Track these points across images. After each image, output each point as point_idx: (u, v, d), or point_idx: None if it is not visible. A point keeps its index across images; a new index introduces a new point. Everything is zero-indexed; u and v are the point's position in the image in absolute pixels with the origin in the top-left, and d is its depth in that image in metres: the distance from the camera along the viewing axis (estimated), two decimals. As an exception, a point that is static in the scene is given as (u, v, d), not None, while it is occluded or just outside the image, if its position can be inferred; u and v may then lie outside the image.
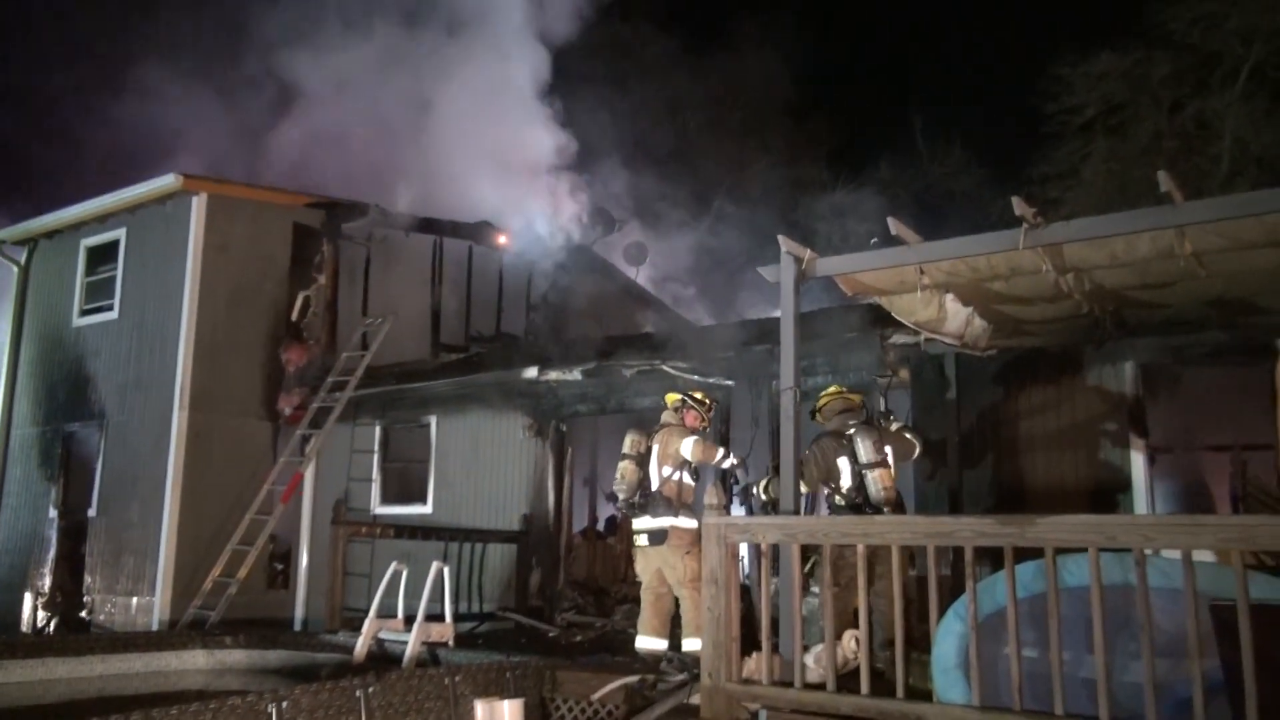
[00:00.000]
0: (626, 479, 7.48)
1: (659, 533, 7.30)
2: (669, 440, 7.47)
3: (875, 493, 6.74)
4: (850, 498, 6.84)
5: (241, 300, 13.04)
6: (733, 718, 5.55)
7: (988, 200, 19.73)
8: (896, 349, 8.58)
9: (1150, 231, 5.28)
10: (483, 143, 14.16)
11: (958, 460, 8.29)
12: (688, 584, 7.13)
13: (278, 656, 9.05)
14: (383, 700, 5.96)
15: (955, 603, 5.25)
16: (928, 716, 4.94)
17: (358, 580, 10.68)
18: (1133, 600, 4.42)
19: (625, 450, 7.56)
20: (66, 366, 13.95)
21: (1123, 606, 4.54)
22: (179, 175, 12.71)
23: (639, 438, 7.58)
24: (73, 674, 8.15)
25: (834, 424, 7.13)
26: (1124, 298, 6.53)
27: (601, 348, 10.78)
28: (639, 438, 7.58)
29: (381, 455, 12.68)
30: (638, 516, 7.49)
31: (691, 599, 7.08)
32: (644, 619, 7.51)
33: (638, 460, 7.50)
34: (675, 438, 7.46)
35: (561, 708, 7.08)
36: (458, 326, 14.82)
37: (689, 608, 7.14)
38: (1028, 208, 5.40)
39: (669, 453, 7.42)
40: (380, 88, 14.90)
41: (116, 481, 12.93)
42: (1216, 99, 18.08)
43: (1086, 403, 7.94)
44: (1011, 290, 6.32)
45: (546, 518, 11.05)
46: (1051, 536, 4.69)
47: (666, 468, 7.40)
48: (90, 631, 12.01)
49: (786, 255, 6.14)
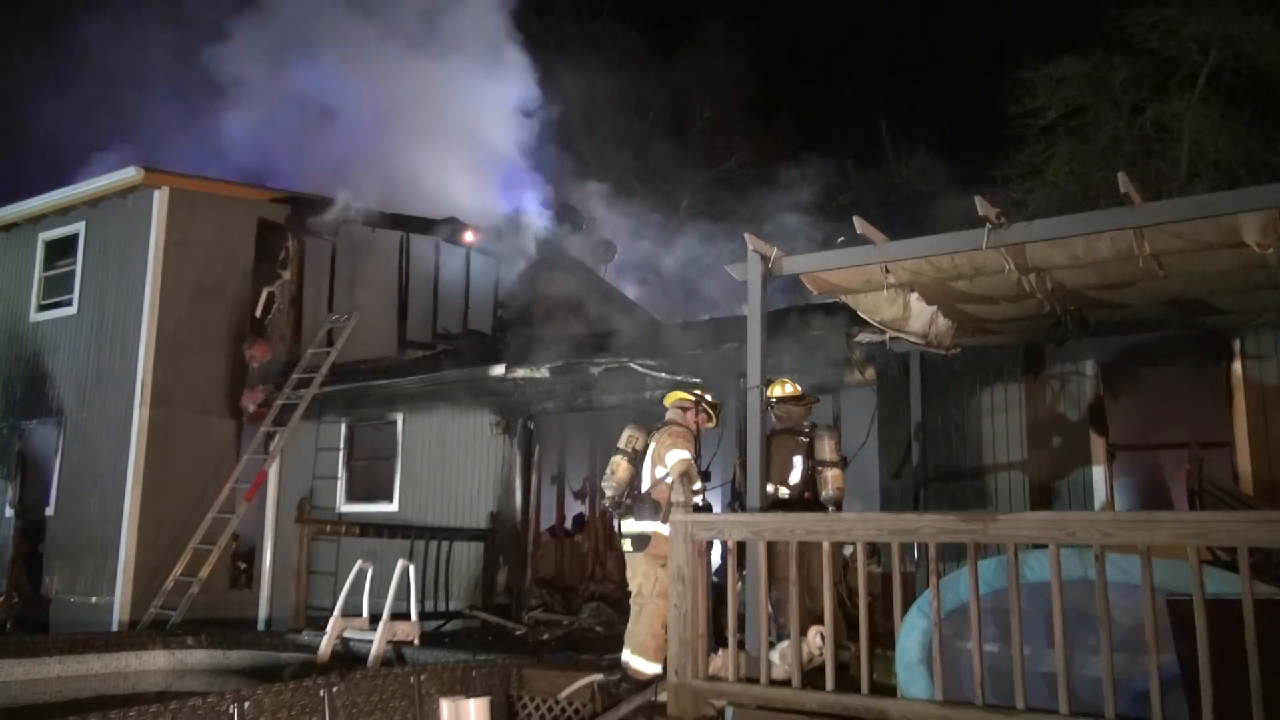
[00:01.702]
0: (617, 475, 6.89)
1: (641, 538, 6.73)
2: (664, 441, 6.84)
3: (829, 492, 6.79)
4: (797, 493, 6.87)
5: (204, 296, 12.86)
6: (699, 715, 5.56)
7: (952, 200, 19.94)
8: (862, 347, 8.64)
9: (1110, 232, 5.35)
10: (450, 139, 14.09)
11: (922, 457, 8.36)
12: (658, 596, 6.55)
13: (240, 656, 8.94)
14: (347, 700, 5.91)
15: (919, 599, 5.30)
16: (891, 712, 4.98)
17: (322, 579, 10.58)
18: (1092, 595, 4.48)
19: (620, 445, 6.98)
20: (24, 362, 13.69)
21: (1082, 601, 4.60)
22: (140, 168, 12.52)
23: (637, 433, 7.00)
24: (29, 675, 8.00)
25: (790, 421, 7.15)
26: (1085, 297, 6.61)
27: (569, 345, 10.76)
28: (637, 433, 7.00)
29: (347, 453, 12.57)
30: (625, 518, 6.91)
31: (654, 611, 6.55)
32: (632, 633, 6.80)
33: (631, 457, 6.93)
34: (671, 441, 6.81)
35: (528, 706, 7.06)
36: (425, 323, 14.74)
37: (645, 619, 6.62)
38: (991, 208, 5.45)
39: (662, 454, 6.79)
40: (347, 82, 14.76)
41: (76, 480, 12.71)
42: (1175, 102, 18.40)
43: (1048, 401, 8.04)
44: (975, 289, 6.38)
45: (514, 516, 11.01)
46: (1013, 533, 4.74)
47: (660, 469, 6.78)
48: (48, 632, 11.78)
49: (753, 254, 6.16)
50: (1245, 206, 5.02)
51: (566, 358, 10.57)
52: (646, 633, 6.58)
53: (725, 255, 6.96)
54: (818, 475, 6.87)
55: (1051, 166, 19.60)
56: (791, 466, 6.92)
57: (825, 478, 6.81)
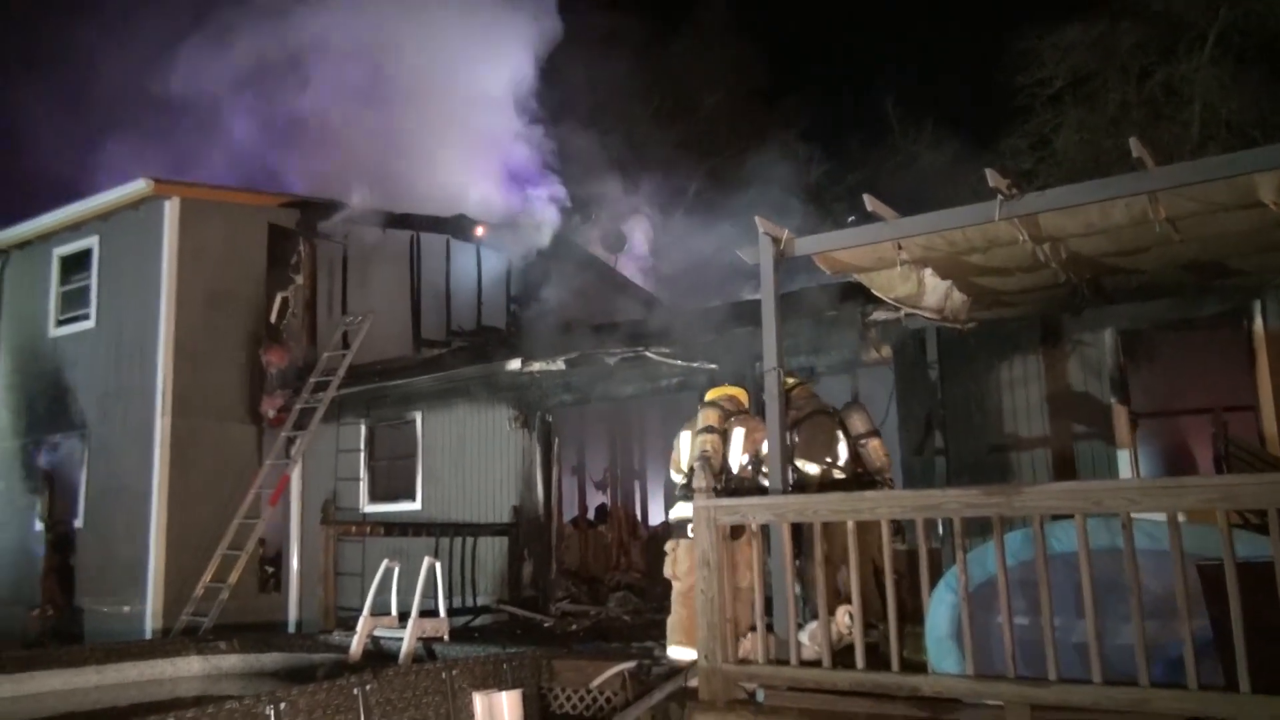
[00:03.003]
0: (715, 459, 6.56)
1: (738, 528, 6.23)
2: (757, 428, 6.71)
3: (875, 461, 6.90)
4: (849, 471, 6.90)
5: (219, 304, 12.94)
6: (731, 698, 5.58)
7: (962, 174, 19.82)
8: (878, 326, 8.61)
9: (1124, 198, 5.31)
10: (456, 135, 14.10)
11: (943, 433, 8.34)
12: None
13: (273, 659, 9.02)
14: (381, 697, 5.95)
15: (946, 574, 5.29)
16: (923, 687, 4.98)
17: (350, 579, 10.65)
18: (1120, 563, 4.47)
19: (711, 423, 6.75)
20: (45, 378, 13.81)
21: (1111, 570, 4.58)
22: (150, 180, 12.58)
23: (721, 414, 6.83)
24: (68, 685, 8.09)
25: (813, 405, 7.15)
26: (1101, 265, 6.57)
27: (583, 337, 10.77)
28: (721, 414, 6.83)
29: (368, 453, 12.64)
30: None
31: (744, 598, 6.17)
32: (685, 628, 6.61)
33: (721, 435, 6.75)
34: (761, 427, 6.61)
35: (560, 696, 7.10)
36: (438, 321, 14.77)
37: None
38: (1002, 179, 5.42)
39: (756, 439, 6.68)
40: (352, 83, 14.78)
41: (102, 491, 12.84)
42: (1184, 65, 18.20)
43: (1068, 371, 7.99)
44: (989, 262, 6.35)
45: (536, 509, 11.05)
46: (1038, 504, 4.73)
47: (745, 455, 6.75)
48: (84, 642, 11.92)
49: (764, 236, 6.15)
50: (1260, 166, 4.97)
51: (581, 349, 10.58)
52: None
53: (735, 239, 6.92)
54: (861, 450, 6.93)
55: (1061, 136, 19.45)
56: (836, 442, 6.93)
57: (870, 449, 6.90)
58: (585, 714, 6.96)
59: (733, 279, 14.70)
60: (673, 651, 6.76)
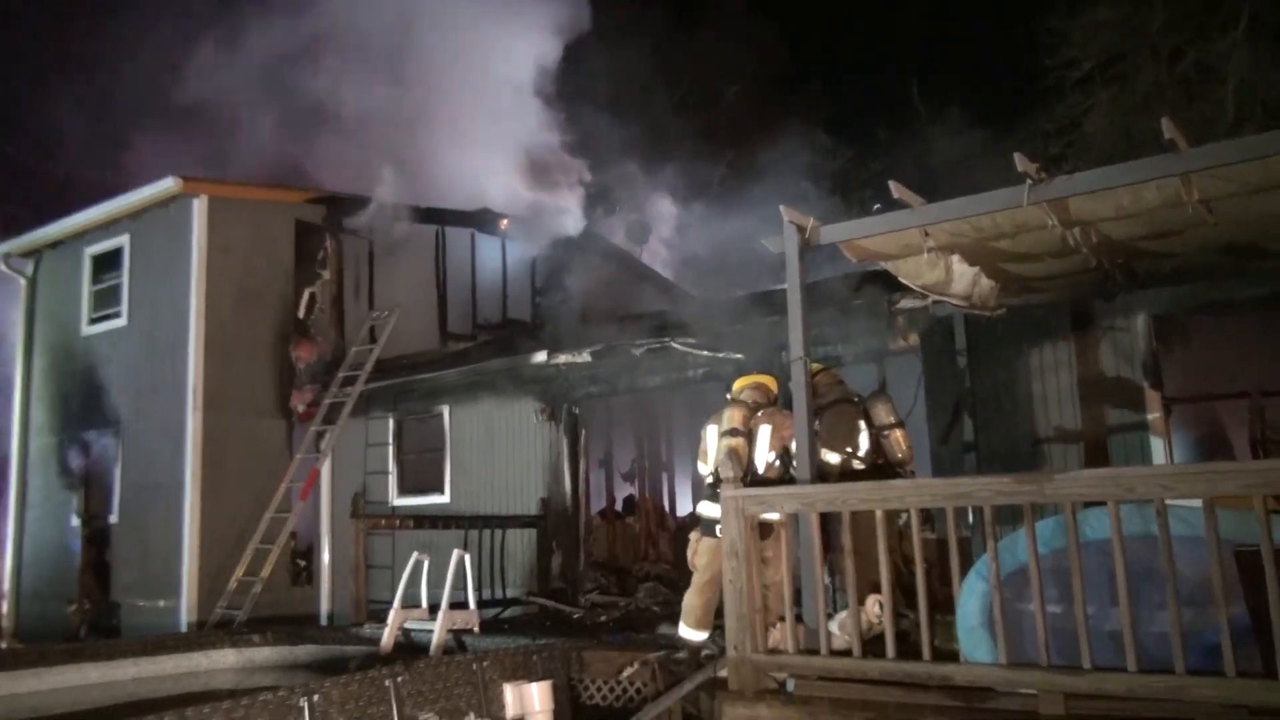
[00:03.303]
0: (741, 459, 6.60)
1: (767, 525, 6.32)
2: (784, 424, 6.76)
3: (897, 453, 6.84)
4: (869, 461, 6.86)
5: (248, 300, 13.07)
6: (761, 688, 5.58)
7: (989, 159, 19.61)
8: (905, 314, 8.54)
9: (1156, 180, 5.23)
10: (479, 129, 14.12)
11: (972, 422, 8.28)
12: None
13: (306, 651, 9.13)
14: (412, 688, 6.01)
15: (977, 563, 5.26)
16: (955, 676, 4.96)
17: (380, 572, 10.75)
18: (1155, 550, 4.42)
19: (736, 426, 6.81)
20: (79, 375, 14.02)
21: (1145, 557, 4.54)
22: (178, 178, 12.71)
23: (745, 413, 6.88)
24: (106, 678, 8.24)
25: (836, 393, 7.12)
26: (1132, 249, 6.48)
27: (609, 328, 10.78)
28: (745, 413, 6.88)
29: (396, 447, 12.73)
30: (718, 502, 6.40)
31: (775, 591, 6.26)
32: (696, 616, 6.85)
33: (746, 436, 6.79)
34: (787, 422, 6.69)
35: (590, 687, 7.14)
36: (464, 315, 14.85)
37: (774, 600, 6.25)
38: (1030, 163, 5.35)
39: (783, 436, 6.72)
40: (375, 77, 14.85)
41: (136, 487, 13.02)
42: (1218, 43, 17.87)
43: (1100, 357, 7.90)
44: (1017, 248, 6.28)
45: (564, 501, 11.08)
46: (1070, 491, 4.68)
47: (772, 453, 6.77)
48: (120, 636, 12.13)
49: (789, 225, 6.12)
50: (1296, 145, 4.88)
51: (607, 341, 10.59)
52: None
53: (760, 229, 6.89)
54: (884, 440, 6.89)
55: (1091, 119, 19.17)
56: (858, 432, 6.90)
57: (892, 440, 6.85)
58: (615, 705, 7.00)
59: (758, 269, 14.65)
60: (682, 630, 6.91)
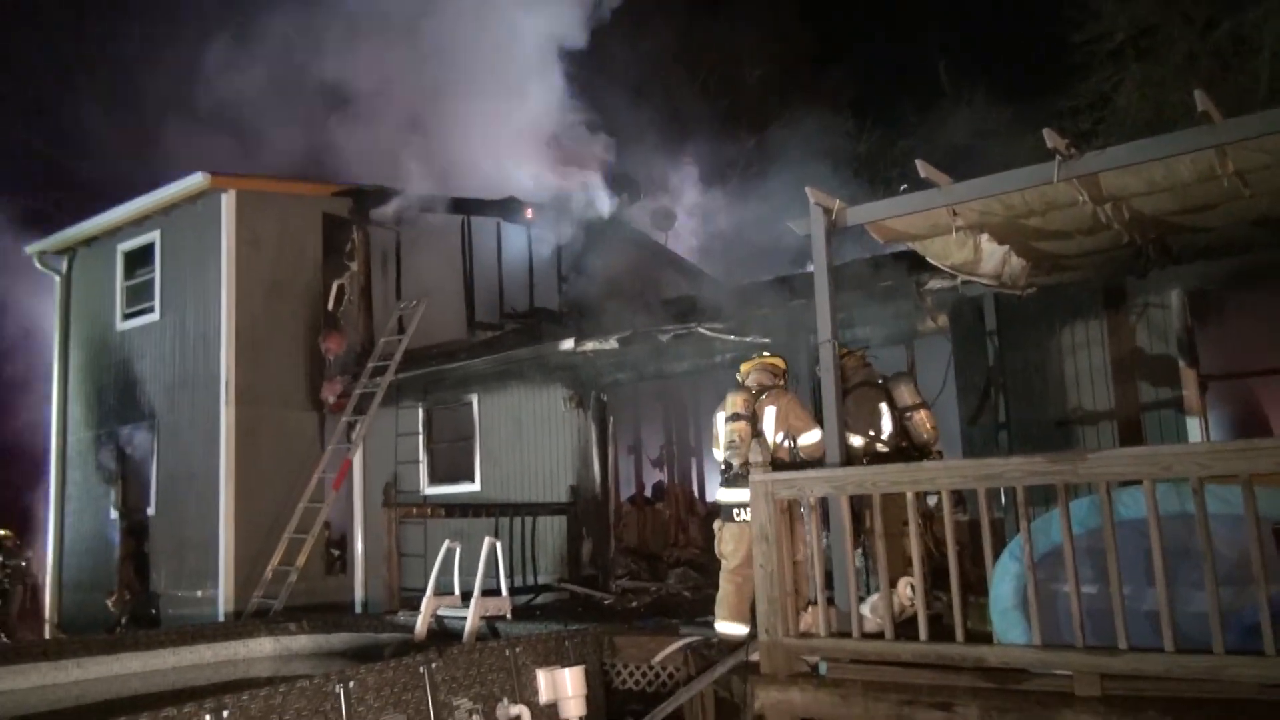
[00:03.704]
0: (743, 448, 6.56)
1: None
2: (792, 407, 6.79)
3: (922, 435, 6.80)
4: (893, 443, 6.83)
5: (278, 293, 13.20)
6: (793, 671, 5.58)
7: (1018, 137, 19.35)
8: (933, 294, 8.47)
9: (1190, 154, 5.15)
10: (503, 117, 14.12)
11: (1003, 402, 8.21)
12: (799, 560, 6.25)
13: (341, 639, 9.24)
14: (447, 674, 6.07)
15: (1010, 544, 5.22)
16: (989, 658, 4.94)
17: (413, 561, 10.85)
18: (1192, 529, 4.37)
19: (738, 410, 6.72)
20: (114, 370, 14.24)
21: (1182, 536, 4.49)
22: (207, 174, 12.83)
23: (748, 397, 6.82)
24: (146, 668, 8.39)
25: (861, 375, 7.08)
26: (1166, 224, 6.38)
27: (636, 314, 10.78)
28: (748, 397, 6.82)
29: (426, 436, 12.83)
30: (738, 487, 6.58)
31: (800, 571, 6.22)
32: (730, 604, 6.75)
33: (750, 420, 6.72)
34: (795, 407, 6.79)
35: (622, 672, 7.17)
36: (491, 304, 14.88)
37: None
38: (1060, 139, 5.29)
39: (791, 420, 6.72)
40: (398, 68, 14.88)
41: (172, 480, 13.22)
42: (1253, 13, 17.48)
43: (1133, 335, 7.80)
44: (1048, 225, 6.21)
45: (594, 487, 11.12)
46: (1105, 471, 4.63)
47: (779, 434, 6.74)
48: (160, 626, 12.34)
49: (815, 207, 6.09)
50: (1334, 114, 4.79)
51: (634, 328, 10.59)
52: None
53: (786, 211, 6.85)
54: (908, 422, 6.84)
55: (1121, 93, 18.83)
56: (880, 415, 6.86)
57: (916, 421, 6.81)
58: (647, 689, 7.03)
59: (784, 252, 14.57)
60: (719, 626, 6.81)
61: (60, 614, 14.50)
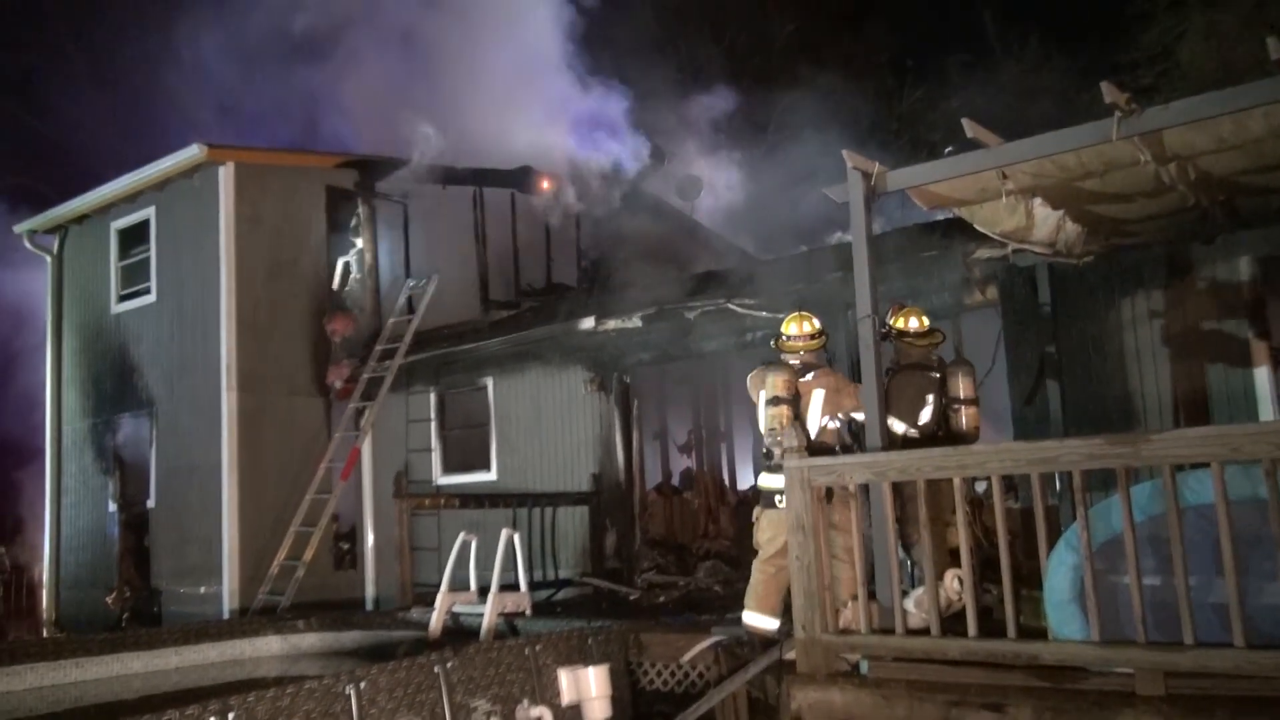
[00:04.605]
0: (784, 428, 6.36)
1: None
2: (844, 387, 6.70)
3: (964, 427, 6.70)
4: (928, 432, 6.75)
5: (280, 272, 13.26)
6: (832, 670, 5.56)
7: (1072, 93, 19.06)
8: (982, 264, 8.38)
9: (1263, 107, 5.03)
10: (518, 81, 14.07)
11: (1058, 380, 8.12)
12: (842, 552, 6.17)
13: (352, 638, 9.33)
14: (463, 675, 6.10)
15: (1066, 533, 5.17)
16: (1043, 655, 4.90)
17: (427, 554, 10.92)
18: (1264, 515, 4.30)
19: (779, 394, 6.57)
20: (110, 355, 14.39)
21: (1254, 523, 4.42)
22: (203, 145, 12.88)
23: (789, 378, 6.65)
24: (149, 668, 8.51)
25: (916, 356, 6.97)
26: (1235, 185, 6.27)
27: (661, 291, 10.74)
28: (789, 378, 6.65)
29: (439, 423, 12.88)
30: (778, 473, 6.36)
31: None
32: (759, 594, 6.72)
33: (792, 404, 6.58)
34: (847, 388, 6.70)
35: (649, 671, 7.18)
36: (507, 281, 14.88)
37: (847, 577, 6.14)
38: (1119, 94, 5.19)
39: (844, 401, 6.64)
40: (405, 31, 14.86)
41: (172, 470, 13.37)
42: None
43: (1199, 306, 7.68)
44: (1106, 188, 6.12)
45: (617, 476, 11.13)
46: (1169, 453, 4.57)
47: (826, 417, 6.65)
48: (162, 624, 12.51)
49: (853, 172, 6.02)
50: None
51: (659, 304, 10.56)
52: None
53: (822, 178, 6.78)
54: (952, 414, 6.73)
55: (1185, 45, 18.51)
56: (924, 404, 6.77)
57: (962, 416, 6.69)
58: (676, 690, 7.04)
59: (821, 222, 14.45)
60: (745, 616, 6.80)
61: (58, 612, 14.74)
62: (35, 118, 23.76)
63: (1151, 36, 18.96)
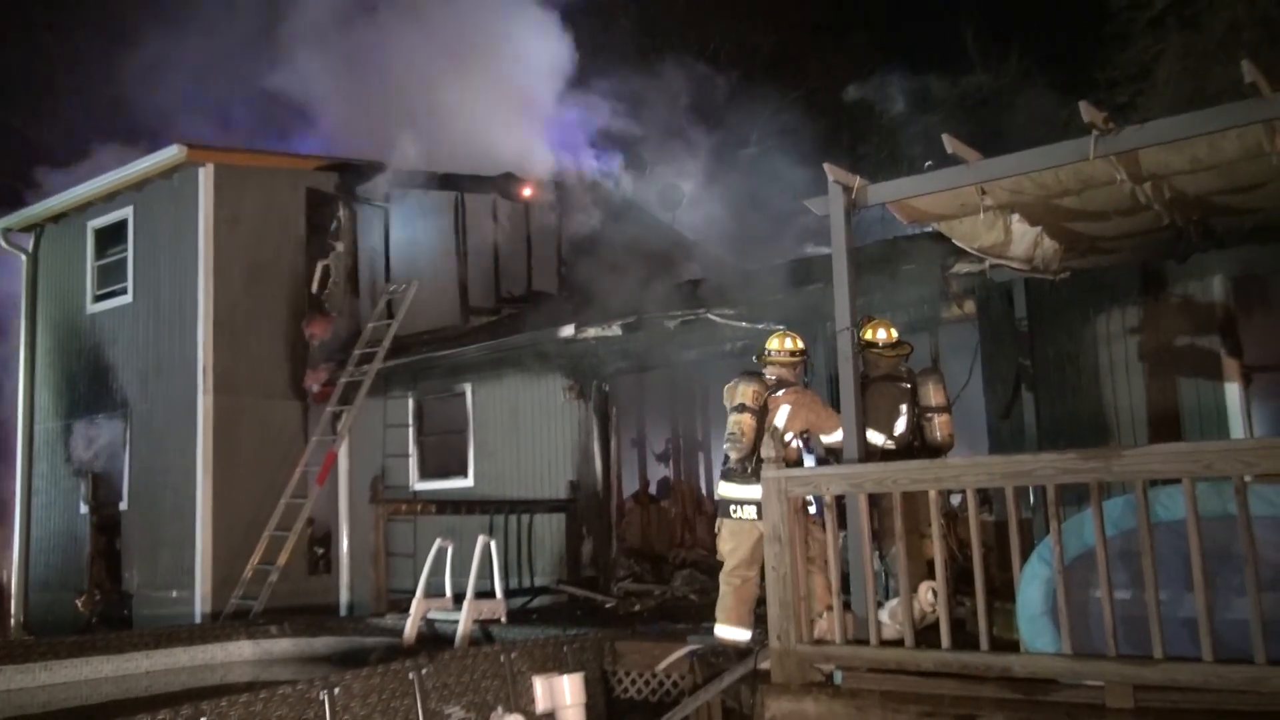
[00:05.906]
0: (745, 441, 6.53)
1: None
2: (813, 406, 6.74)
3: (939, 437, 6.77)
4: (904, 443, 6.80)
5: (259, 274, 13.19)
6: (806, 680, 5.59)
7: (1050, 111, 19.25)
8: (960, 279, 8.45)
9: (1236, 129, 5.12)
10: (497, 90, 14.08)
11: (1033, 395, 8.19)
12: (816, 560, 6.23)
13: (325, 643, 9.28)
14: (437, 681, 6.08)
15: (1039, 546, 5.21)
16: (1015, 667, 4.93)
17: (402, 560, 10.87)
18: (1234, 532, 4.35)
19: (745, 402, 6.64)
20: (84, 356, 14.25)
21: (1223, 539, 4.47)
22: (183, 146, 12.80)
23: (759, 389, 6.70)
24: (119, 672, 8.43)
25: (886, 367, 7.04)
26: (1209, 205, 6.36)
27: (641, 300, 10.76)
28: (759, 389, 6.70)
29: (416, 428, 12.84)
30: (747, 483, 6.53)
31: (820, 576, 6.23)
32: (727, 606, 6.80)
33: (757, 415, 6.64)
34: (811, 405, 6.74)
35: (624, 680, 7.18)
36: (487, 287, 14.87)
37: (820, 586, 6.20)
38: (1097, 113, 5.26)
39: (810, 419, 6.68)
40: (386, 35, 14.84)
41: (146, 473, 13.24)
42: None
43: (1173, 323, 7.77)
44: (1083, 205, 6.19)
45: (595, 484, 11.13)
46: (1141, 468, 4.62)
47: (789, 434, 6.63)
48: (133, 628, 12.38)
49: (834, 185, 6.06)
50: (1393, 87, 4.75)
51: (639, 313, 10.58)
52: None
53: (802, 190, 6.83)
54: (925, 423, 6.81)
55: (1162, 65, 18.75)
56: (897, 414, 6.84)
57: (935, 424, 6.76)
58: (651, 698, 7.05)
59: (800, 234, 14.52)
60: (718, 630, 6.84)
61: (27, 614, 14.55)
62: (11, 115, 23.53)
63: (1130, 56, 19.20)
